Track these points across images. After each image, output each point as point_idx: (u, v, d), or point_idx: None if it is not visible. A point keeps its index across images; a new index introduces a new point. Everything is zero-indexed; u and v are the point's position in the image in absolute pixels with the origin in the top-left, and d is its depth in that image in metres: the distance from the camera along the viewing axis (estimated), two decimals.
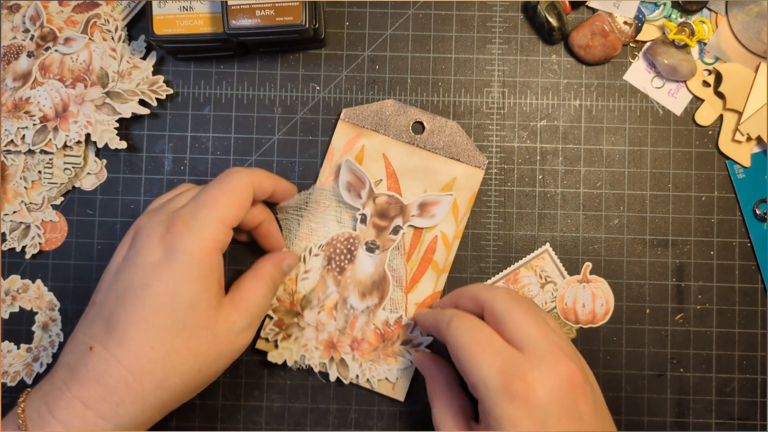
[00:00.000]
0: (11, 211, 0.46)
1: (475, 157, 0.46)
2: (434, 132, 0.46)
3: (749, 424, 0.46)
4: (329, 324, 0.45)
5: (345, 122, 0.46)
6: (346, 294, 0.45)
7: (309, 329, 0.45)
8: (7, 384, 0.46)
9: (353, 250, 0.45)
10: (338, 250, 0.45)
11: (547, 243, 0.47)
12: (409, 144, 0.46)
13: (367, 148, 0.46)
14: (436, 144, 0.46)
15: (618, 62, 0.48)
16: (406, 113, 0.46)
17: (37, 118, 0.45)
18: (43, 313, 0.47)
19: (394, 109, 0.46)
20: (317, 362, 0.45)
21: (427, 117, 0.46)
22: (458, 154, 0.46)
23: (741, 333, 0.46)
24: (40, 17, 0.45)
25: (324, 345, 0.45)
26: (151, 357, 0.36)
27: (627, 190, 0.47)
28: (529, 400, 0.34)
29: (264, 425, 0.46)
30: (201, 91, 0.48)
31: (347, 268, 0.45)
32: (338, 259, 0.45)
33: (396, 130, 0.46)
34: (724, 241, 0.47)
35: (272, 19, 0.42)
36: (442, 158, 0.46)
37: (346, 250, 0.45)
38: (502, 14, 0.48)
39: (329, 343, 0.45)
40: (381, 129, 0.46)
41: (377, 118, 0.46)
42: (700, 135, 0.47)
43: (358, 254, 0.45)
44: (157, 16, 0.43)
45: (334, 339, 0.45)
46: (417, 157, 0.46)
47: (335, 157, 0.46)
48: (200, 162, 0.47)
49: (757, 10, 0.46)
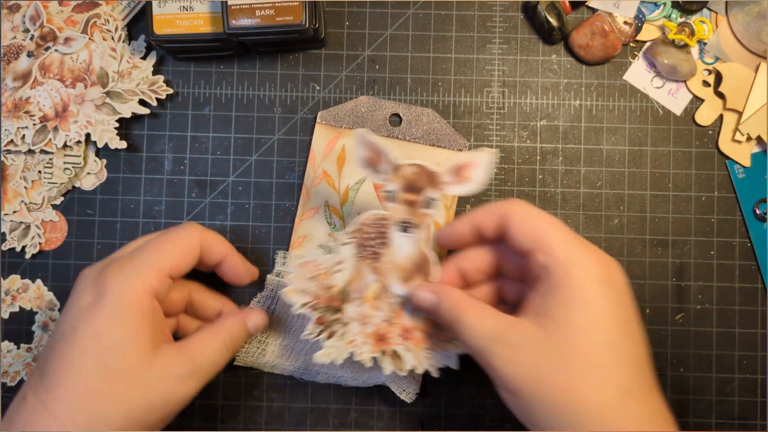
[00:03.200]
0: (11, 210, 0.46)
1: (455, 141, 0.46)
2: (411, 122, 0.46)
3: (749, 424, 0.46)
4: (374, 316, 0.41)
5: (322, 125, 0.46)
6: (387, 281, 0.41)
7: (353, 324, 0.41)
8: (7, 384, 0.46)
9: (385, 232, 0.41)
10: (370, 234, 0.41)
11: None
12: (388, 137, 0.46)
13: (348, 147, 0.46)
14: (415, 134, 0.46)
15: (618, 62, 0.48)
16: (381, 107, 0.46)
17: (37, 118, 0.45)
18: (43, 313, 0.47)
19: (368, 105, 0.46)
20: (368, 357, 0.40)
21: (403, 108, 0.46)
22: (438, 140, 0.46)
23: (741, 333, 0.46)
24: (40, 17, 0.45)
25: (373, 339, 0.40)
26: (76, 402, 0.35)
27: (627, 190, 0.47)
28: (610, 266, 0.34)
29: (264, 425, 0.46)
30: (201, 91, 0.48)
31: (383, 252, 0.41)
32: (371, 244, 0.41)
33: (374, 126, 0.46)
34: (724, 241, 0.47)
35: (272, 19, 0.42)
36: (423, 147, 0.46)
37: (377, 233, 0.41)
38: (502, 14, 0.48)
39: (378, 336, 0.41)
40: (358, 126, 0.46)
41: (353, 116, 0.46)
42: (700, 135, 0.47)
43: (392, 236, 0.41)
44: (157, 16, 0.43)
45: (382, 331, 0.41)
46: (398, 149, 0.46)
47: (317, 161, 0.46)
48: (200, 162, 0.47)
49: (757, 10, 0.46)
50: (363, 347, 0.40)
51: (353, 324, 0.41)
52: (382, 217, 0.41)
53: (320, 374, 0.45)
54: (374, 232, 0.41)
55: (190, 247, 0.39)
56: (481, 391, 0.46)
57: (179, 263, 0.39)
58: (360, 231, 0.41)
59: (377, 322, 0.41)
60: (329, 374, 0.45)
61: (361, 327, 0.41)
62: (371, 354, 0.40)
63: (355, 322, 0.41)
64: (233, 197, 0.47)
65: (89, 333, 0.35)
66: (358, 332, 0.41)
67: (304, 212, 0.46)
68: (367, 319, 0.41)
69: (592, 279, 0.33)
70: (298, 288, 0.41)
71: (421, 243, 0.40)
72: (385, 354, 0.40)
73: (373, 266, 0.41)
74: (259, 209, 0.47)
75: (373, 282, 0.41)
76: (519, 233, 0.36)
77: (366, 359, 0.40)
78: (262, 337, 0.45)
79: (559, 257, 0.34)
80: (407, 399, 0.44)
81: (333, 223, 0.46)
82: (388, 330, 0.41)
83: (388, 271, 0.41)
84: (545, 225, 0.35)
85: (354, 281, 0.41)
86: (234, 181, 0.47)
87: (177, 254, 0.39)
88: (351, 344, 0.40)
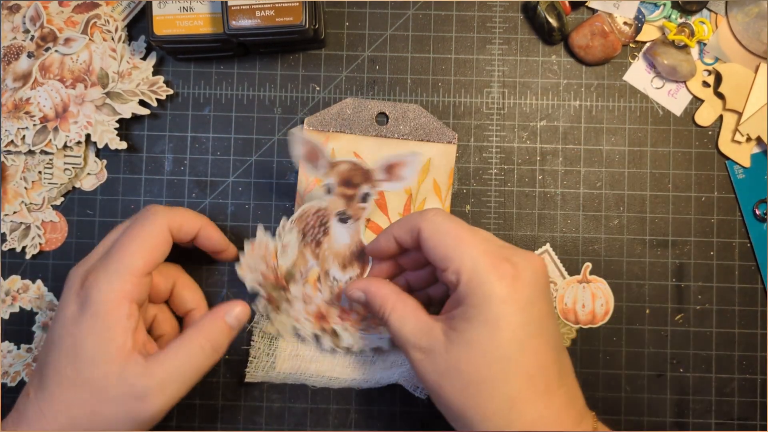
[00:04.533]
0: (11, 211, 0.46)
1: (444, 134, 0.46)
2: (398, 119, 0.46)
3: (749, 424, 0.46)
4: (316, 296, 0.44)
5: (309, 130, 0.46)
6: (327, 266, 0.44)
7: (297, 302, 0.44)
8: (8, 384, 0.46)
9: (326, 222, 0.44)
10: (311, 223, 0.44)
11: (547, 243, 0.47)
12: (377, 137, 0.46)
13: (337, 150, 0.46)
14: (403, 131, 0.46)
15: (618, 63, 0.48)
16: (367, 108, 0.46)
17: (38, 119, 0.45)
18: (43, 314, 0.47)
19: (354, 106, 0.46)
20: (310, 332, 0.44)
21: (389, 106, 0.46)
22: (427, 135, 0.46)
23: (741, 333, 0.46)
24: (40, 18, 0.46)
25: (314, 316, 0.44)
26: (60, 407, 0.36)
27: (627, 191, 0.47)
28: (517, 280, 0.35)
29: (264, 425, 0.46)
30: (201, 92, 0.48)
31: (323, 240, 0.44)
32: (313, 232, 0.44)
33: (361, 126, 0.46)
34: (723, 241, 0.47)
35: (272, 20, 0.42)
36: (412, 143, 0.46)
37: (319, 222, 0.44)
38: (502, 15, 0.48)
39: (319, 315, 0.44)
40: (346, 129, 0.46)
41: (340, 119, 0.46)
42: (700, 135, 0.47)
43: (331, 226, 0.44)
44: (157, 16, 0.43)
45: (323, 310, 0.44)
46: (387, 147, 0.46)
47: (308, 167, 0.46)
48: (200, 162, 0.47)
49: (757, 10, 0.46)
50: (305, 323, 0.44)
51: (297, 302, 0.44)
52: (323, 208, 0.44)
53: (332, 380, 0.45)
54: (315, 221, 0.44)
55: (159, 239, 0.39)
56: None
57: (151, 259, 0.39)
58: (302, 219, 0.44)
59: (318, 302, 0.44)
60: (341, 380, 0.45)
61: (305, 305, 0.44)
62: (312, 330, 0.44)
63: (299, 300, 0.44)
64: (233, 198, 0.47)
65: (70, 343, 0.37)
66: (301, 309, 0.44)
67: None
68: (309, 299, 0.44)
69: (492, 298, 0.35)
70: (250, 265, 0.44)
71: (358, 233, 0.44)
72: (325, 331, 0.44)
73: (314, 252, 0.45)
74: (259, 210, 0.47)
75: (315, 266, 0.45)
76: (428, 250, 0.38)
77: (308, 335, 0.44)
78: (270, 350, 0.45)
79: (462, 278, 0.36)
80: (422, 395, 0.44)
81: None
82: (327, 310, 0.44)
83: (328, 257, 0.44)
84: (451, 241, 0.36)
85: (298, 264, 0.45)
86: (234, 182, 0.47)
87: (147, 251, 0.38)
88: (295, 320, 0.44)
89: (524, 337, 0.35)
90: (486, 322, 0.35)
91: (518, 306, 0.35)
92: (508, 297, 0.35)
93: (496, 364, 0.34)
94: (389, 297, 0.39)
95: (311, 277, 0.45)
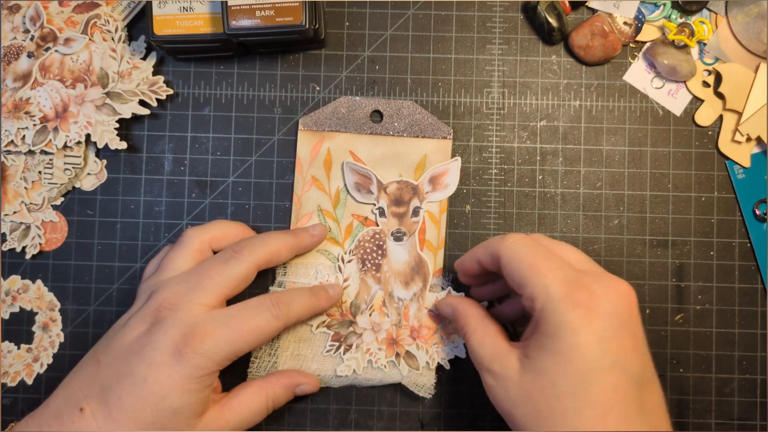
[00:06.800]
0: (11, 211, 0.46)
1: (439, 130, 0.46)
2: (393, 116, 0.46)
3: (749, 424, 0.46)
4: (384, 322, 0.45)
5: (304, 130, 0.46)
6: (390, 288, 0.45)
7: (367, 333, 0.45)
8: (8, 384, 0.46)
9: (382, 244, 0.46)
10: (368, 249, 0.46)
11: None
12: (372, 134, 0.46)
13: (333, 150, 0.46)
14: (397, 127, 0.46)
15: (618, 63, 0.48)
16: (361, 106, 0.46)
17: (37, 119, 0.45)
18: (43, 314, 0.47)
19: (348, 105, 0.46)
20: (385, 362, 0.45)
21: (383, 104, 0.47)
22: (422, 131, 0.46)
23: (741, 333, 0.46)
24: (40, 18, 0.46)
25: (386, 344, 0.45)
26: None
27: (627, 191, 0.47)
28: (592, 310, 0.34)
29: (264, 425, 0.46)
30: (201, 92, 0.48)
31: (382, 263, 0.45)
32: (371, 258, 0.46)
33: (356, 125, 0.46)
34: (723, 241, 0.47)
35: (272, 20, 0.42)
36: (407, 139, 0.46)
37: (375, 246, 0.46)
38: (502, 14, 0.48)
39: (390, 340, 0.45)
40: (341, 128, 0.46)
41: (335, 119, 0.46)
42: (700, 135, 0.47)
43: (388, 247, 0.46)
44: (157, 16, 0.43)
45: (393, 334, 0.45)
46: (383, 145, 0.46)
47: (304, 168, 0.46)
48: (200, 162, 0.47)
49: (757, 10, 0.46)
50: (378, 354, 0.45)
51: (367, 333, 0.45)
52: (377, 232, 0.46)
53: (334, 379, 0.45)
54: (372, 246, 0.46)
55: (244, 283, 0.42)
56: (481, 391, 0.46)
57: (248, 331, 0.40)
58: (359, 247, 0.46)
59: (387, 327, 0.45)
60: (343, 378, 0.45)
61: (374, 334, 0.45)
62: (387, 359, 0.45)
63: (368, 331, 0.45)
64: (233, 198, 0.47)
65: (157, 390, 0.37)
66: (372, 340, 0.45)
67: (298, 219, 0.46)
68: (377, 326, 0.45)
69: (564, 328, 0.34)
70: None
71: (414, 248, 0.45)
72: (400, 356, 0.45)
73: (376, 277, 0.46)
74: (259, 210, 0.47)
75: (379, 291, 0.45)
76: (507, 276, 0.38)
77: (384, 364, 0.45)
78: (272, 350, 0.45)
79: (536, 305, 0.35)
80: (426, 395, 0.45)
81: (328, 226, 0.46)
82: (398, 333, 0.45)
83: (389, 278, 0.45)
84: (526, 268, 0.36)
85: (361, 293, 0.45)
86: (234, 182, 0.47)
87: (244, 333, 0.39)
88: (368, 353, 0.45)
89: (598, 370, 0.33)
90: (557, 352, 0.34)
91: (593, 338, 0.34)
92: (580, 328, 0.34)
93: (565, 396, 0.34)
94: (473, 318, 0.40)
95: (376, 304, 0.45)
